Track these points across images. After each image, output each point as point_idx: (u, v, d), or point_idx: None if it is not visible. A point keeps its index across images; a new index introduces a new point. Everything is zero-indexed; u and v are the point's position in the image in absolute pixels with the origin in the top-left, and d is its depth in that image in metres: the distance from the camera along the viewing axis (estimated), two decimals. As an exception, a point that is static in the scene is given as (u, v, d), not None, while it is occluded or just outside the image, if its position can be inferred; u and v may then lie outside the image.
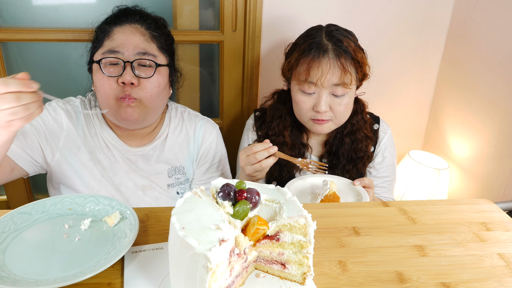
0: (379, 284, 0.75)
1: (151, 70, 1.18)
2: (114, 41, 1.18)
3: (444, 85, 1.97)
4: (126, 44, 1.17)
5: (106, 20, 1.23)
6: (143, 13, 1.25)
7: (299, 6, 1.73)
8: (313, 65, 1.27)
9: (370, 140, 1.46)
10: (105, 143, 1.28)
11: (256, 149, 1.20)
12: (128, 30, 1.19)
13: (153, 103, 1.21)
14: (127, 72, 1.14)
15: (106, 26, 1.21)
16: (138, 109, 1.17)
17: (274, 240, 0.73)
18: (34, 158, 1.22)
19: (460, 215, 0.98)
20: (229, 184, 0.72)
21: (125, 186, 1.29)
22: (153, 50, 1.20)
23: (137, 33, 1.19)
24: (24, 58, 1.70)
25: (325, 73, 1.26)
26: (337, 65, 1.27)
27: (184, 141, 1.36)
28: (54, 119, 1.24)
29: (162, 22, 1.29)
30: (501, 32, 1.62)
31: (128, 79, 1.14)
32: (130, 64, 1.15)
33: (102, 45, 1.19)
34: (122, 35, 1.18)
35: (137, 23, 1.21)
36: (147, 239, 0.85)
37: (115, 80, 1.15)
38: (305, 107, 1.34)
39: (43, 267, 0.75)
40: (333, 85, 1.28)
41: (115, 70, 1.16)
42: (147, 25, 1.22)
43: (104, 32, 1.20)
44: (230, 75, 1.82)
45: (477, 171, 1.79)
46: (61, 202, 0.92)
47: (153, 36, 1.22)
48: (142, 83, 1.17)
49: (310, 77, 1.28)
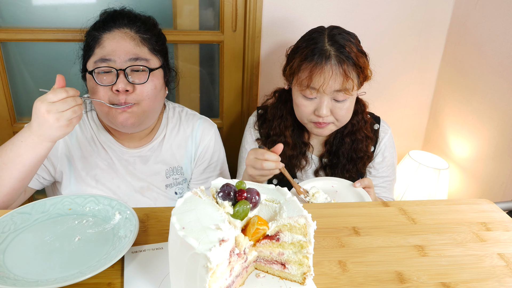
0: (379, 284, 0.75)
1: (145, 75, 1.17)
2: (105, 48, 1.15)
3: (444, 85, 1.97)
4: (117, 51, 1.14)
5: (95, 26, 1.20)
6: (131, 15, 1.22)
7: (299, 6, 1.73)
8: (315, 71, 1.26)
9: (370, 140, 1.46)
10: (102, 146, 1.27)
11: (267, 157, 1.18)
12: (118, 35, 1.17)
13: (150, 106, 1.19)
14: (121, 80, 1.13)
15: (95, 32, 1.18)
16: (135, 114, 1.16)
17: (274, 240, 0.73)
18: (42, 176, 1.24)
19: (460, 215, 0.98)
20: (229, 184, 0.72)
21: (123, 190, 1.28)
22: (145, 54, 1.18)
23: (127, 38, 1.17)
24: (24, 58, 1.70)
25: (327, 80, 1.25)
26: (340, 72, 1.26)
27: (182, 141, 1.36)
28: None
29: (151, 22, 1.26)
30: (501, 32, 1.62)
31: (122, 86, 1.12)
32: (123, 71, 1.13)
33: (93, 53, 1.17)
34: (112, 42, 1.16)
35: (125, 27, 1.18)
36: (147, 239, 0.85)
37: (109, 88, 1.14)
38: (306, 111, 1.33)
39: (43, 267, 0.75)
40: (335, 91, 1.28)
41: (108, 79, 1.14)
42: (137, 28, 1.19)
43: (94, 39, 1.18)
44: (230, 75, 1.82)
45: (477, 171, 1.79)
46: (61, 202, 0.92)
47: (144, 39, 1.19)
48: (137, 89, 1.15)
49: (312, 83, 1.27)
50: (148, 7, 1.29)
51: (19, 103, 1.77)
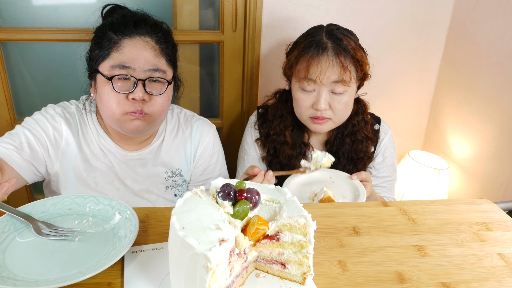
0: (379, 284, 0.75)
1: (161, 86, 1.17)
2: (124, 55, 1.13)
3: (444, 85, 1.97)
4: (138, 59, 1.13)
5: (113, 27, 1.16)
6: (152, 23, 1.20)
7: (299, 6, 1.73)
8: (312, 62, 1.28)
9: (370, 140, 1.46)
10: (101, 149, 1.26)
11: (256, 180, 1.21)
12: (139, 43, 1.15)
13: (161, 116, 1.21)
14: (139, 89, 1.12)
15: (113, 35, 1.15)
16: (146, 122, 1.17)
17: (274, 240, 0.73)
18: (37, 169, 1.21)
19: (460, 215, 0.98)
20: (229, 184, 0.72)
21: (122, 192, 1.28)
22: (163, 66, 1.17)
23: (148, 47, 1.15)
24: (24, 58, 1.70)
25: (324, 70, 1.27)
26: (336, 63, 1.27)
27: (181, 143, 1.36)
28: (54, 127, 1.22)
29: (170, 32, 1.25)
30: (501, 32, 1.62)
31: (140, 96, 1.12)
32: (142, 81, 1.13)
33: (109, 56, 1.14)
34: (133, 49, 1.14)
35: (147, 36, 1.17)
36: (147, 239, 0.85)
37: (125, 95, 1.13)
38: (305, 105, 1.34)
39: (43, 267, 0.75)
40: (332, 82, 1.29)
41: (125, 86, 1.13)
42: (157, 38, 1.18)
43: (111, 42, 1.14)
44: (230, 75, 1.82)
45: (477, 171, 1.79)
46: (61, 202, 0.92)
47: (162, 50, 1.18)
48: (152, 99, 1.15)
49: (310, 74, 1.29)
50: (148, 7, 1.29)
51: (19, 103, 1.77)
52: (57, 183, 1.25)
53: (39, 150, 1.19)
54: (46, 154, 1.21)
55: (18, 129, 1.18)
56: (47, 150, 1.21)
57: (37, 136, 1.19)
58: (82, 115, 1.27)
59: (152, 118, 1.18)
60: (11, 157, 1.12)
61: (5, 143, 1.14)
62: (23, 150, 1.15)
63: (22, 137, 1.17)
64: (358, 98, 1.45)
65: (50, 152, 1.22)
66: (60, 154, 1.23)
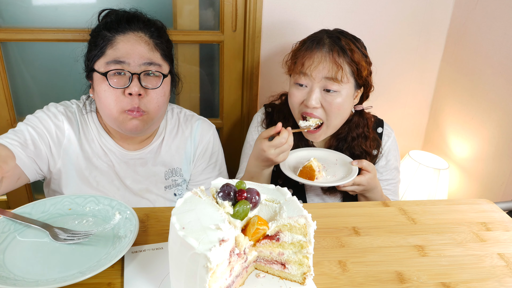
0: (379, 284, 0.75)
1: (157, 80, 1.17)
2: (119, 50, 1.15)
3: (444, 85, 1.97)
4: (132, 54, 1.14)
5: (107, 26, 1.19)
6: (145, 20, 1.22)
7: (299, 6, 1.73)
8: (306, 55, 1.30)
9: (370, 140, 1.45)
10: (102, 148, 1.27)
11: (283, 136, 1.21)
12: (133, 39, 1.16)
13: (159, 113, 1.21)
14: (135, 83, 1.13)
15: (107, 33, 1.17)
16: (144, 121, 1.17)
17: (274, 240, 0.73)
18: (40, 167, 1.21)
19: (460, 215, 0.98)
20: (229, 184, 0.72)
21: (122, 192, 1.28)
22: (158, 60, 1.18)
23: (142, 42, 1.17)
24: (24, 58, 1.70)
25: (316, 64, 1.28)
26: (329, 59, 1.28)
27: (180, 142, 1.36)
28: (56, 125, 1.22)
29: (164, 28, 1.26)
30: (501, 32, 1.62)
31: (136, 90, 1.12)
32: (137, 75, 1.13)
33: (104, 53, 1.16)
34: (126, 44, 1.15)
35: (141, 31, 1.18)
36: (147, 239, 0.85)
37: (121, 91, 1.13)
38: (296, 100, 1.35)
39: (43, 267, 0.75)
40: (324, 78, 1.29)
41: (121, 81, 1.14)
42: (151, 33, 1.20)
43: (105, 40, 1.16)
44: (230, 75, 1.82)
45: (477, 171, 1.79)
46: (61, 202, 0.92)
47: (157, 44, 1.20)
48: (149, 94, 1.16)
49: (303, 67, 1.30)
50: (148, 7, 1.29)
51: (19, 103, 1.77)
52: (59, 181, 1.25)
53: (42, 148, 1.19)
54: (49, 152, 1.22)
55: (22, 126, 1.19)
56: (49, 148, 1.21)
57: (40, 133, 1.19)
58: (83, 114, 1.27)
59: (149, 116, 1.18)
60: (15, 153, 1.11)
61: (10, 139, 1.14)
62: (28, 147, 1.16)
63: (26, 134, 1.17)
64: (362, 110, 1.44)
65: (53, 150, 1.22)
66: (62, 152, 1.23)
